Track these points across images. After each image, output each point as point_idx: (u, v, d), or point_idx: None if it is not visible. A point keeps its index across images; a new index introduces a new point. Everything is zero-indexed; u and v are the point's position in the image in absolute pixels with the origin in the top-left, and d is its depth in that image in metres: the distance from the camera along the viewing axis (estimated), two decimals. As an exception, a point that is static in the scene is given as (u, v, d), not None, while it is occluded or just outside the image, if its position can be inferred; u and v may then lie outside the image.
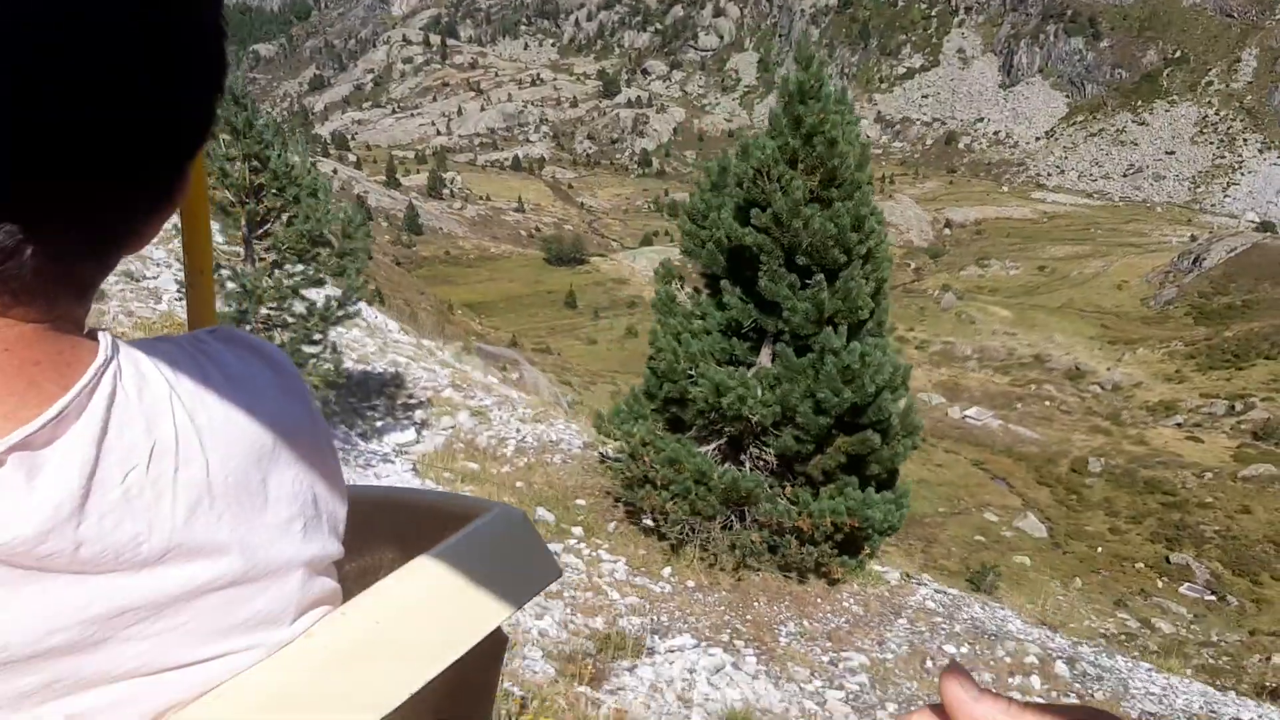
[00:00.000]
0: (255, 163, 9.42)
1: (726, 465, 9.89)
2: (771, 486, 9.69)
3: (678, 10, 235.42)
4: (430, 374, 13.97)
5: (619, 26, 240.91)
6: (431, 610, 0.72)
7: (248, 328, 9.56)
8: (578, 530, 10.14)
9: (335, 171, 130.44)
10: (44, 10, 0.49)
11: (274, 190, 9.48)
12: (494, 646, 0.82)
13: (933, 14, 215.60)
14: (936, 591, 10.06)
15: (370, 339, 15.42)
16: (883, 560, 10.98)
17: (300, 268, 9.45)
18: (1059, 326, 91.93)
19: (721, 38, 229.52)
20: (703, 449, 10.03)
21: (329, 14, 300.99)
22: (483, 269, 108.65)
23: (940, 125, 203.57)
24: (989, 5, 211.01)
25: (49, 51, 0.49)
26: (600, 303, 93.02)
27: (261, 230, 9.67)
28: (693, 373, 9.83)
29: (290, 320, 9.56)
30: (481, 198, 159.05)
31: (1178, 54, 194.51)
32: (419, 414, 12.26)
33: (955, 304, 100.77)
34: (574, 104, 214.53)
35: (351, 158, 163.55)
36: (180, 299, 12.57)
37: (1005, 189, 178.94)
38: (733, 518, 9.77)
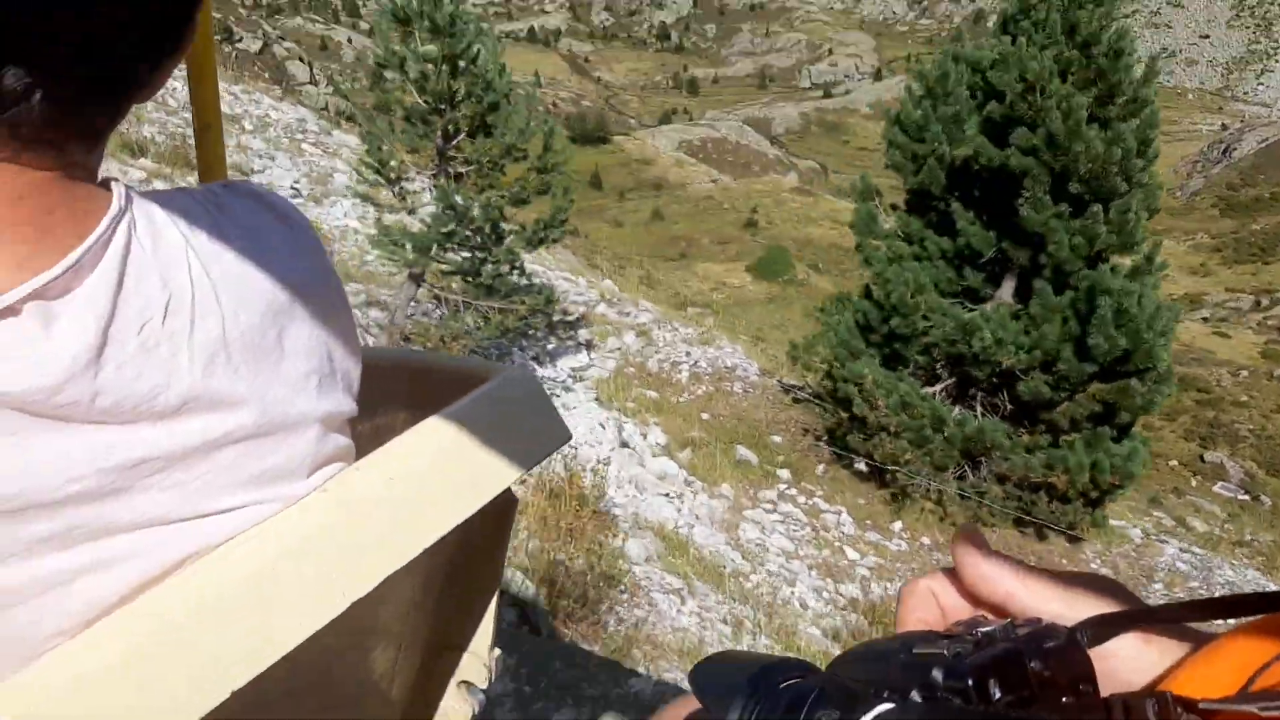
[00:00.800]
0: (455, 64, 8.34)
1: (957, 410, 9.10)
2: (1009, 436, 8.91)
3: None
4: (573, 285, 13.07)
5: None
6: (443, 469, 0.73)
7: (452, 252, 8.65)
8: (784, 474, 9.41)
9: (350, 40, 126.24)
10: None
11: (474, 97, 8.41)
12: (504, 507, 0.82)
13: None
14: (1182, 550, 9.37)
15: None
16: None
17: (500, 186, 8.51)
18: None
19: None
20: (928, 390, 9.22)
21: None
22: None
23: (970, 3, 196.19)
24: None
25: None
26: (625, 184, 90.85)
27: (455, 142, 8.64)
28: (920, 311, 8.93)
29: (493, 244, 8.63)
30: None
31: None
32: (582, 334, 11.41)
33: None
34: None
35: (365, 25, 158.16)
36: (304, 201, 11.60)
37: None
38: (966, 468, 9.02)
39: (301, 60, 74.47)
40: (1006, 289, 9.01)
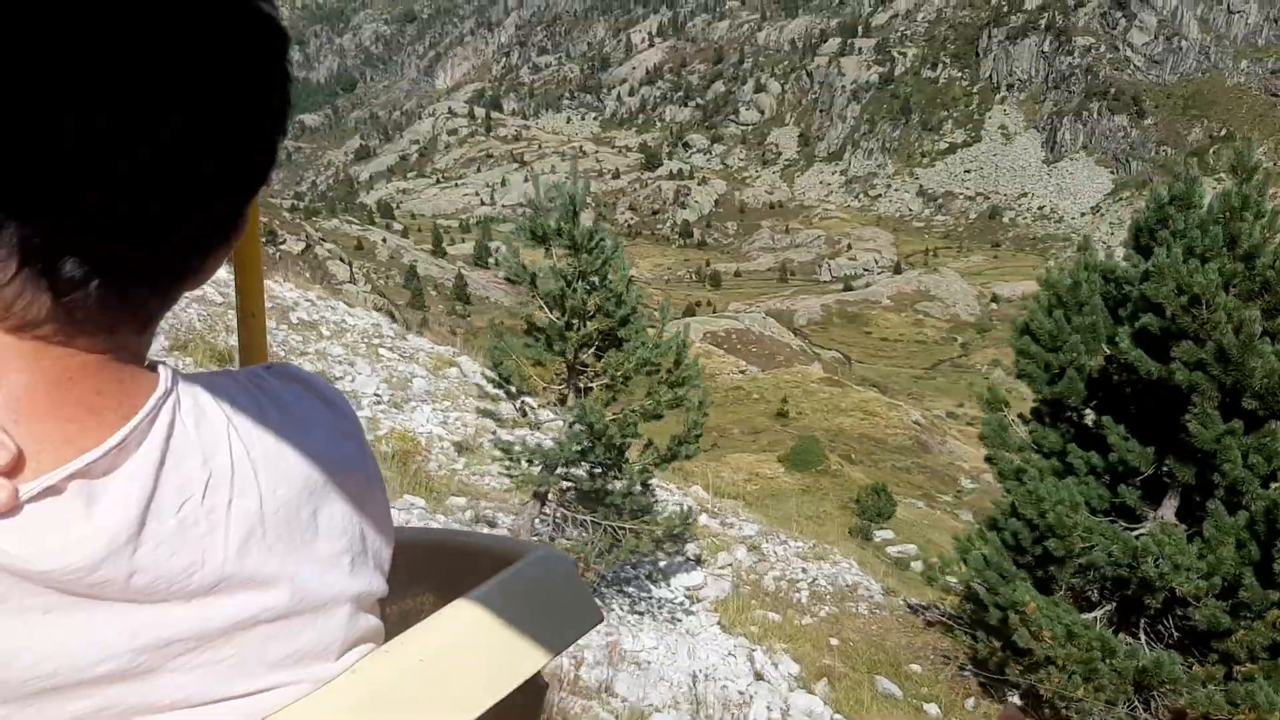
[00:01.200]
0: (591, 281, 8.19)
1: (1122, 637, 8.38)
2: (1185, 668, 8.15)
3: (719, 86, 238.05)
4: (667, 493, 12.59)
5: (660, 101, 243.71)
6: (473, 652, 0.73)
7: (583, 471, 8.25)
8: (932, 709, 8.62)
9: (385, 240, 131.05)
10: (127, 58, 0.51)
11: (604, 311, 8.22)
12: (534, 692, 0.82)
13: (974, 91, 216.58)
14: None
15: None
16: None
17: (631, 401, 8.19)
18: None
19: (762, 113, 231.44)
20: (1087, 616, 8.53)
21: (374, 86, 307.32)
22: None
23: (984, 200, 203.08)
24: (1030, 83, 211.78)
25: (132, 96, 0.51)
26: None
27: (584, 357, 8.39)
28: (1079, 530, 8.36)
29: (622, 460, 8.22)
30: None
31: (1223, 132, 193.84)
32: (690, 548, 10.84)
33: (1005, 381, 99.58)
34: (616, 175, 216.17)
35: (398, 226, 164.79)
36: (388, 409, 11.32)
37: (1052, 263, 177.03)
38: (1137, 702, 8.22)
39: (341, 260, 77.09)
40: (1168, 508, 8.48)
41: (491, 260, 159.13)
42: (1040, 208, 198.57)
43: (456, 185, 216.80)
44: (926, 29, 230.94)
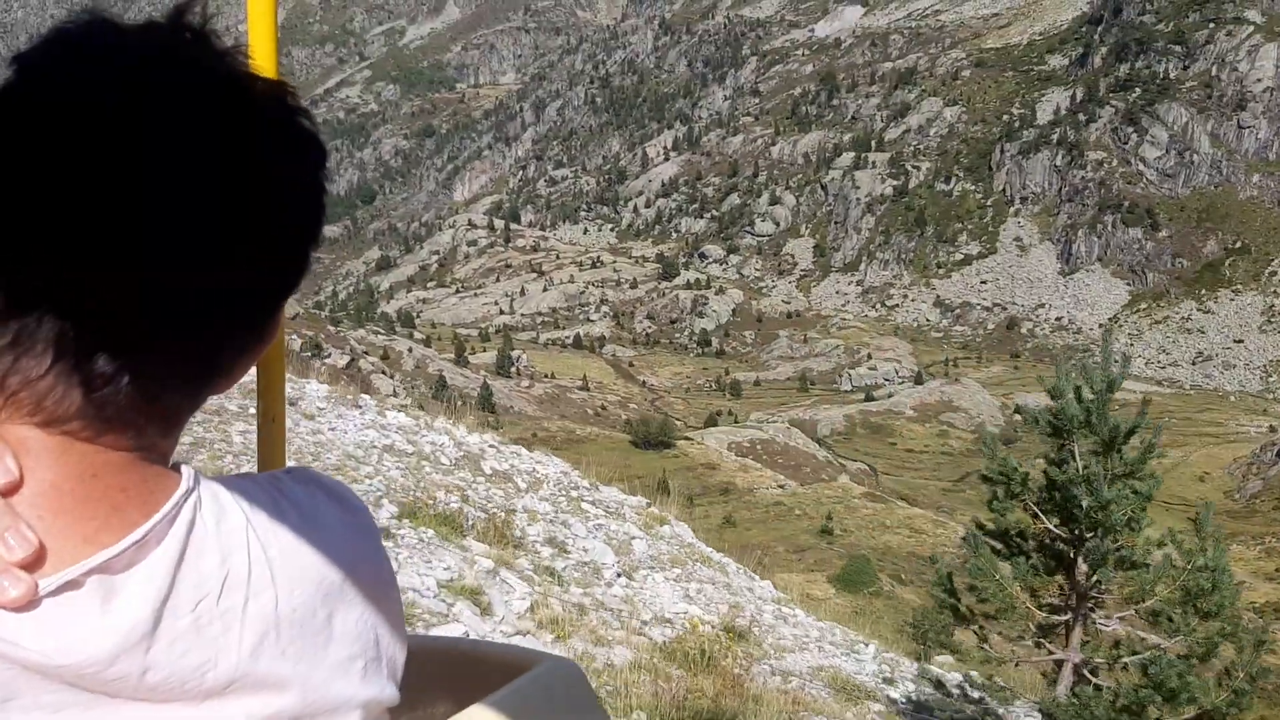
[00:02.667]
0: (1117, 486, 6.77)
1: None
2: None
3: (734, 198, 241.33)
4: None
5: (676, 213, 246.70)
6: None
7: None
8: None
9: (410, 350, 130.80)
10: (169, 166, 0.53)
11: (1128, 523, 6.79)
12: None
13: (988, 204, 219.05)
14: None
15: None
16: None
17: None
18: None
19: (777, 224, 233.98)
20: None
21: (392, 198, 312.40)
22: (569, 452, 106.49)
23: (1001, 310, 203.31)
24: (1044, 196, 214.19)
25: (174, 202, 0.53)
26: (693, 488, 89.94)
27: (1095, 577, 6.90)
28: None
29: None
30: (546, 376, 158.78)
31: (1238, 244, 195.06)
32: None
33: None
34: (633, 285, 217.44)
35: (420, 335, 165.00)
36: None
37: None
38: None
39: (385, 374, 76.42)
40: None
41: (513, 369, 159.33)
42: (1058, 319, 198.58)
43: (476, 294, 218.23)
44: (939, 143, 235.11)
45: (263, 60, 0.66)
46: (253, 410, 9.71)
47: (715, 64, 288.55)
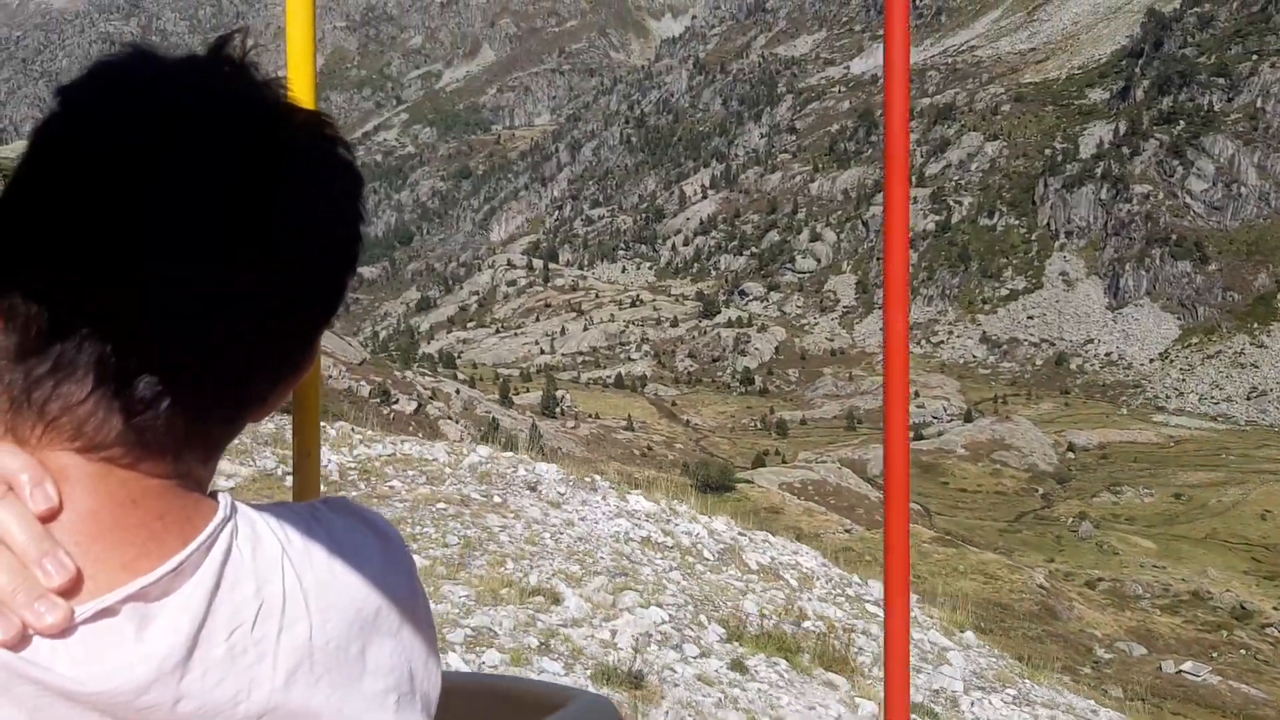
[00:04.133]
0: None
1: None
2: None
3: (773, 235, 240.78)
4: None
5: (715, 251, 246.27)
6: None
7: None
8: None
9: (458, 391, 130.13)
10: (214, 195, 0.54)
11: None
12: None
13: (1032, 238, 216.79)
14: None
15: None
16: None
17: None
18: (1208, 560, 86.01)
19: (818, 261, 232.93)
20: None
21: (430, 240, 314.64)
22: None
23: (1049, 346, 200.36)
24: (1090, 230, 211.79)
25: (215, 232, 0.54)
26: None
27: None
28: None
29: None
30: (590, 416, 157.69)
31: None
32: None
33: (1093, 533, 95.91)
34: (674, 323, 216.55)
35: (463, 376, 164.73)
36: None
37: (1124, 411, 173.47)
38: None
39: (451, 419, 75.44)
40: None
41: (558, 409, 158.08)
42: (1107, 354, 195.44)
43: (516, 334, 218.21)
44: (981, 178, 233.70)
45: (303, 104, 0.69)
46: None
47: (751, 102, 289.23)
